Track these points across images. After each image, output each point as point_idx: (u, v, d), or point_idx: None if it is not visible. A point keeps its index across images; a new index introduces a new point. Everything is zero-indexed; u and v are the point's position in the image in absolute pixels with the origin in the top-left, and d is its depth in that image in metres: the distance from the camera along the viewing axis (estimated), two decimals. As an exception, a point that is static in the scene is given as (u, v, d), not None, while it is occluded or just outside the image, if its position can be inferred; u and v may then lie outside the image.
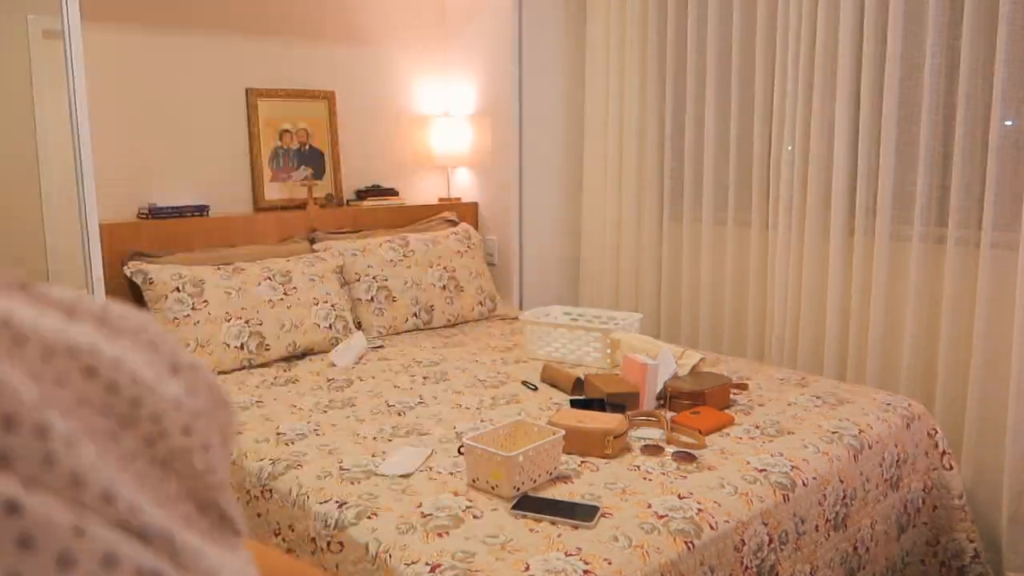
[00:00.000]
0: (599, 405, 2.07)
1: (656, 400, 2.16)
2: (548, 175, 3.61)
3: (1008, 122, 2.33)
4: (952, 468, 2.21)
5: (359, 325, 2.98)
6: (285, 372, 2.56)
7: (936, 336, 2.56)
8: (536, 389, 2.35)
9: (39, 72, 2.54)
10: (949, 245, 2.47)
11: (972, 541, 2.19)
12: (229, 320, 2.60)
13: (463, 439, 1.71)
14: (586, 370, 2.52)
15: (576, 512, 1.53)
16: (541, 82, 3.52)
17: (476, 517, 1.54)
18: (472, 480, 1.67)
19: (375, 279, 3.02)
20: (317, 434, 2.01)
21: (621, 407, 2.05)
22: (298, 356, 2.72)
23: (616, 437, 1.82)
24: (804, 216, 2.84)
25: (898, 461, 2.07)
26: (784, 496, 1.71)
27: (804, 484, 1.76)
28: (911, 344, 2.57)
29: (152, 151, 2.92)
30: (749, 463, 1.79)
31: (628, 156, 3.44)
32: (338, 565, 1.55)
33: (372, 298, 3.00)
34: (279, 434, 2.01)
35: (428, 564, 1.38)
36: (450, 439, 1.95)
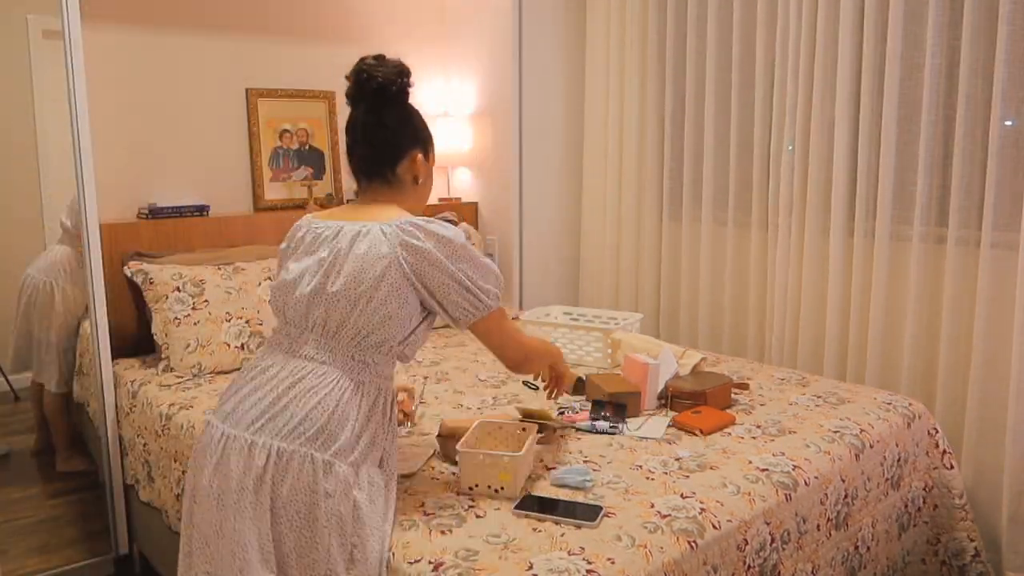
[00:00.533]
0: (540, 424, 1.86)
1: (657, 400, 2.17)
2: (548, 175, 3.62)
3: (1008, 122, 2.34)
4: (953, 467, 2.21)
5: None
6: (286, 372, 2.55)
7: (936, 336, 2.56)
8: (537, 389, 2.35)
9: (39, 72, 2.54)
10: (949, 245, 2.47)
11: (972, 540, 2.20)
12: (229, 320, 2.60)
13: (456, 447, 1.66)
14: (587, 370, 2.52)
15: (579, 512, 1.53)
16: (541, 82, 3.52)
17: (479, 516, 1.54)
18: (471, 487, 1.63)
19: (375, 279, 3.01)
20: (318, 434, 2.00)
21: (622, 406, 2.05)
22: (298, 356, 2.72)
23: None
24: (804, 216, 2.84)
25: (899, 460, 2.07)
26: (786, 495, 1.71)
27: (806, 483, 1.77)
28: (911, 344, 2.58)
29: (152, 151, 2.91)
30: (751, 463, 1.80)
31: (628, 156, 3.44)
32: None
33: (372, 298, 2.99)
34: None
35: (431, 563, 1.38)
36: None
